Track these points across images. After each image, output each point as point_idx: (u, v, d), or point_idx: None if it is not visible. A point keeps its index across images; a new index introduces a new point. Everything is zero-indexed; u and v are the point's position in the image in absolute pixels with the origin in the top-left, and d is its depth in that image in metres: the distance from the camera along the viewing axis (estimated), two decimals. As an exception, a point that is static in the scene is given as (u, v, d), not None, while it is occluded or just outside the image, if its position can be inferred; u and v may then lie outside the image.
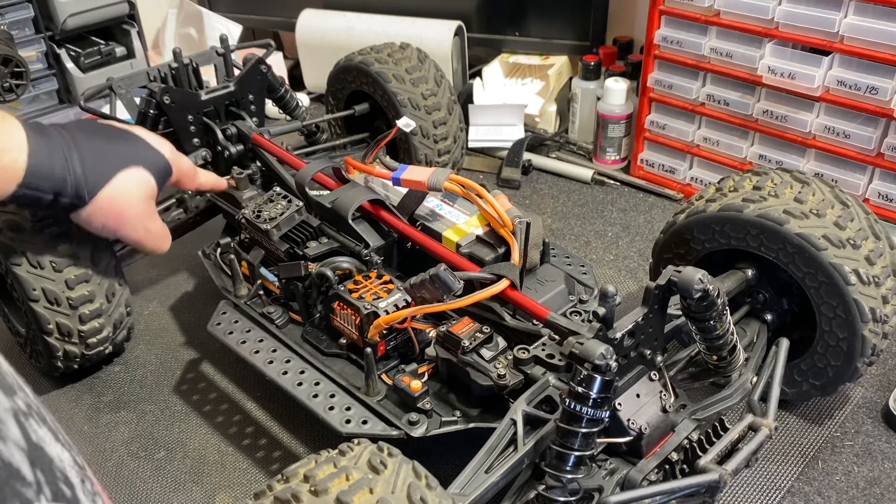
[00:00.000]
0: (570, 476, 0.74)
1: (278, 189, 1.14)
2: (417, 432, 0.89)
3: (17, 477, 0.27)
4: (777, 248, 0.93)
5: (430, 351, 0.95)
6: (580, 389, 0.71)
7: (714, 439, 0.78)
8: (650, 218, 1.54)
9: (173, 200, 1.27)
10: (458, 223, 1.06)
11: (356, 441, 0.66)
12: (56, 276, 1.04)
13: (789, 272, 0.94)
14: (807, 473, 1.00)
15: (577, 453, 0.73)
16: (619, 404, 0.78)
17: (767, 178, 0.99)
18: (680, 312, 0.84)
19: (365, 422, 0.91)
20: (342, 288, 0.97)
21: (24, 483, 0.27)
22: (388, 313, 0.93)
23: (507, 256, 1.00)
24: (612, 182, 1.66)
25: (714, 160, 1.52)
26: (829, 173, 1.38)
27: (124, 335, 1.18)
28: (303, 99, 1.86)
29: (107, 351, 1.16)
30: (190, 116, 1.28)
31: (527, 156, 1.70)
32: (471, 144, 1.71)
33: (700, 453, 0.77)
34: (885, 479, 0.99)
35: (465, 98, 1.78)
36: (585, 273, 1.11)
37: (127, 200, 0.98)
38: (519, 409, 0.80)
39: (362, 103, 1.51)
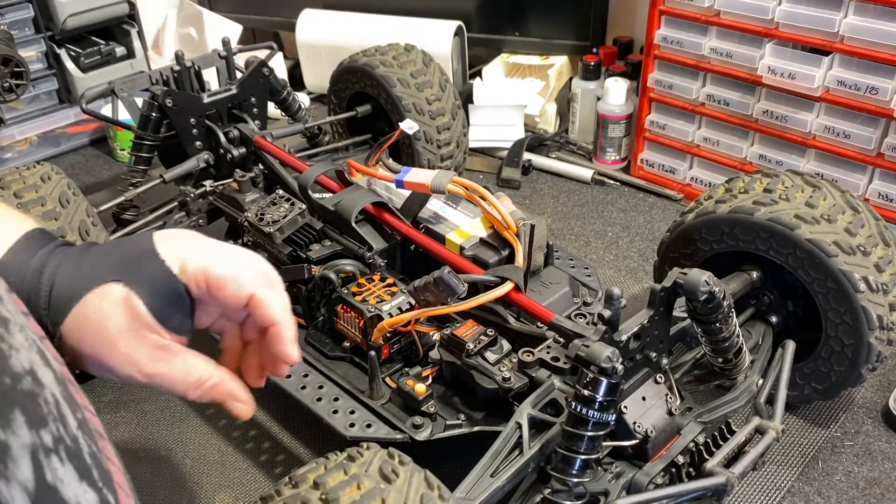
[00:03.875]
0: (575, 480, 0.74)
1: (281, 192, 1.14)
2: (422, 436, 0.89)
3: None
4: (786, 253, 0.93)
5: (434, 354, 0.95)
6: (586, 392, 0.71)
7: (720, 442, 0.78)
8: (650, 218, 1.55)
9: (175, 203, 1.27)
10: (462, 226, 1.06)
11: (365, 445, 0.66)
12: None
13: (797, 276, 0.94)
14: (807, 473, 1.01)
15: (582, 457, 0.73)
16: (625, 407, 0.78)
17: (778, 180, 0.99)
18: (685, 315, 0.84)
19: (369, 425, 0.90)
20: (345, 291, 0.97)
21: None
22: (391, 316, 0.93)
23: (510, 259, 1.00)
24: (612, 182, 1.66)
25: (714, 160, 1.53)
26: (829, 173, 1.38)
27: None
28: (303, 99, 1.85)
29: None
30: (192, 119, 1.28)
31: (527, 156, 1.71)
32: (471, 144, 1.71)
33: (706, 456, 0.77)
34: (885, 480, 0.99)
35: (465, 98, 1.78)
36: (589, 275, 1.11)
37: (98, 328, 0.59)
38: (524, 412, 0.80)
39: (365, 105, 1.50)
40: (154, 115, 1.27)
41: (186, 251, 0.60)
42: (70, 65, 1.75)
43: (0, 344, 0.27)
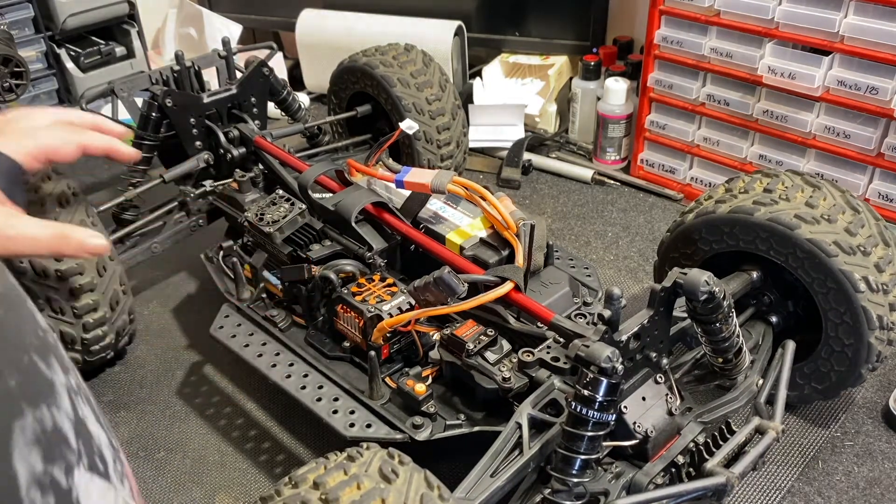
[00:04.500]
0: (575, 480, 0.74)
1: (281, 192, 1.14)
2: (422, 436, 0.89)
3: (65, 442, 0.30)
4: (787, 253, 0.93)
5: (434, 354, 0.95)
6: (586, 392, 0.71)
7: (720, 442, 0.78)
8: (650, 218, 1.54)
9: (175, 203, 1.27)
10: (462, 226, 1.06)
11: (365, 445, 0.66)
12: (61, 286, 1.04)
13: (797, 276, 0.94)
14: (807, 473, 1.01)
15: (582, 457, 0.73)
16: (625, 407, 0.78)
17: (778, 180, 0.99)
18: (685, 315, 0.84)
19: (369, 425, 0.90)
20: (345, 291, 0.97)
21: (69, 449, 0.30)
22: (391, 316, 0.93)
23: (510, 259, 1.00)
24: (612, 182, 1.66)
25: (714, 160, 1.53)
26: (829, 173, 1.38)
27: (126, 340, 1.18)
28: (303, 99, 1.85)
29: (108, 357, 1.16)
30: (192, 119, 1.28)
31: (527, 156, 1.70)
32: (471, 144, 1.71)
33: (706, 456, 0.77)
34: (886, 480, 0.99)
35: (465, 98, 1.78)
36: (589, 275, 1.10)
37: None
38: (524, 412, 0.80)
39: (365, 105, 1.50)
40: (154, 114, 1.27)
41: (20, 140, 0.82)
42: (70, 65, 1.75)
43: (27, 303, 0.32)
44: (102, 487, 0.32)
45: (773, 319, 1.01)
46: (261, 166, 1.29)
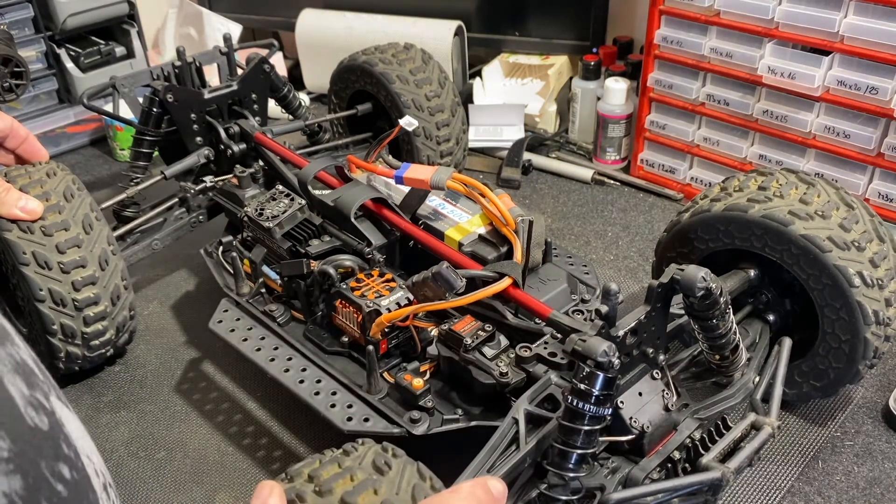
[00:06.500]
0: (572, 474, 0.74)
1: (281, 187, 1.14)
2: (419, 430, 0.89)
3: (33, 374, 0.34)
4: (781, 249, 0.93)
5: (432, 349, 0.95)
6: (582, 386, 0.71)
7: (716, 438, 0.78)
8: (650, 218, 1.54)
9: (175, 200, 1.28)
10: (461, 222, 1.06)
11: (360, 441, 0.66)
12: (63, 278, 1.04)
13: (793, 273, 0.94)
14: (807, 473, 1.00)
15: (579, 451, 0.73)
16: (622, 402, 0.78)
17: (773, 178, 0.99)
18: (683, 312, 0.84)
19: (366, 419, 0.91)
20: (344, 286, 0.98)
21: (38, 379, 0.34)
22: (390, 311, 0.93)
23: (509, 255, 1.00)
24: (612, 182, 1.66)
25: (714, 160, 1.53)
26: (830, 173, 1.38)
27: (126, 338, 1.17)
28: (303, 98, 1.86)
29: (108, 353, 1.16)
30: (193, 115, 1.28)
31: (527, 156, 1.71)
32: (471, 144, 1.71)
33: (702, 452, 0.77)
34: (886, 479, 0.99)
35: (465, 98, 1.78)
36: (587, 273, 1.11)
37: None
38: (521, 407, 0.80)
39: (365, 103, 1.51)
40: (155, 110, 1.28)
41: None
42: (70, 65, 1.75)
43: None
44: (70, 414, 0.36)
45: (771, 318, 1.01)
46: (261, 162, 1.29)
